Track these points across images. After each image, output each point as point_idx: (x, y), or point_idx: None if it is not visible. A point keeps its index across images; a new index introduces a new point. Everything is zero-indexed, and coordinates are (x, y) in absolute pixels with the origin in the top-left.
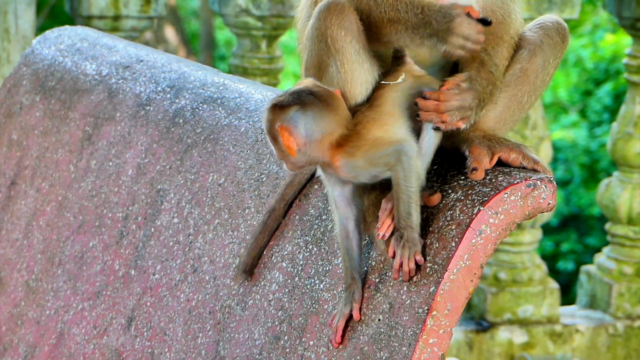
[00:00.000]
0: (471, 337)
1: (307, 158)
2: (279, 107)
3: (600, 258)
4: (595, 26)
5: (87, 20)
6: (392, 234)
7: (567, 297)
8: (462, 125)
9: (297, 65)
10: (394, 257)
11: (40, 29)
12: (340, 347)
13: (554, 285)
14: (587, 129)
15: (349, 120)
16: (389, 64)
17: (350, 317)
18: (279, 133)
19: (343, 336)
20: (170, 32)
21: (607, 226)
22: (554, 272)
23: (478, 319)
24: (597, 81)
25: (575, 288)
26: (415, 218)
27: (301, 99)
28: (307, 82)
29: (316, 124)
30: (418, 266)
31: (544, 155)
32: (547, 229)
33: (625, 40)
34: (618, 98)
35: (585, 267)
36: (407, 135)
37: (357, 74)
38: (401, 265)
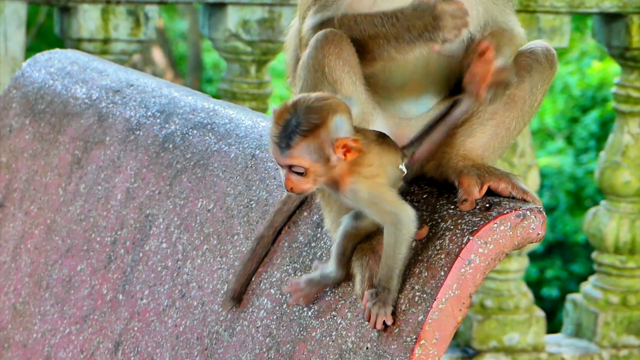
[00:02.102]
0: None
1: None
2: (314, 129)
3: (586, 287)
4: (583, 53)
5: (77, 43)
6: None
7: (552, 323)
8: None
9: (286, 89)
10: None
11: (27, 50)
12: None
13: (539, 313)
14: (573, 156)
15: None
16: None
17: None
18: (338, 146)
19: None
20: (157, 55)
21: (594, 255)
22: (538, 299)
23: (464, 346)
24: (583, 108)
25: (559, 315)
26: (395, 283)
27: (331, 106)
28: (303, 97)
29: (349, 122)
30: (387, 324)
31: (532, 183)
32: (532, 256)
33: (612, 68)
34: (604, 125)
35: (571, 296)
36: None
37: None
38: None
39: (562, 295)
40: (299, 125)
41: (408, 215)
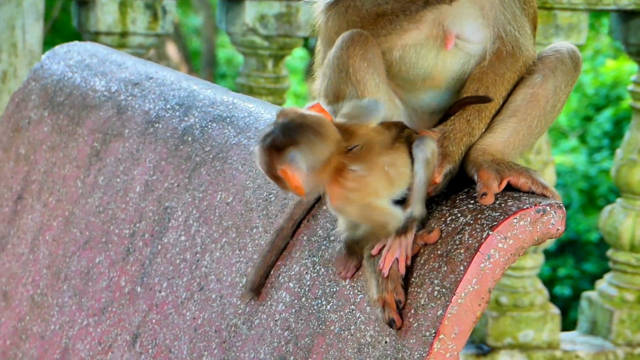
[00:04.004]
0: None
1: (310, 188)
2: (275, 150)
3: (601, 284)
4: (597, 52)
5: (95, 36)
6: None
7: (564, 322)
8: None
9: (299, 85)
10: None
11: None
12: None
13: (555, 310)
14: (586, 155)
15: (340, 142)
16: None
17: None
18: (282, 175)
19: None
20: (172, 50)
21: (609, 253)
22: (550, 297)
23: (478, 342)
24: (597, 107)
25: (571, 313)
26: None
27: (294, 136)
28: (291, 113)
29: (314, 156)
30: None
31: (548, 179)
32: (544, 254)
33: (626, 67)
34: (618, 124)
35: (586, 294)
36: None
37: None
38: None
39: (575, 294)
40: (266, 139)
41: (396, 220)
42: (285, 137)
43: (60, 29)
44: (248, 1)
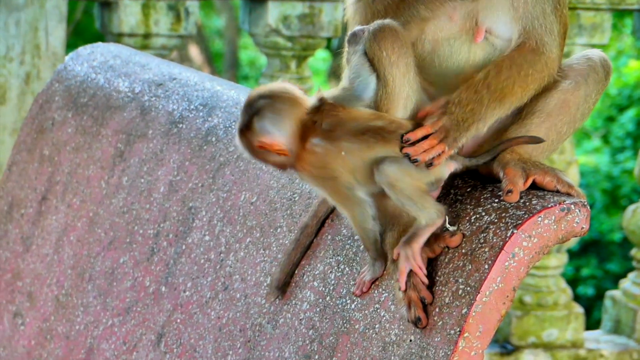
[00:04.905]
0: None
1: (292, 148)
2: (244, 131)
3: (625, 283)
4: (619, 52)
5: (118, 38)
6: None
7: (587, 322)
8: (446, 151)
9: (322, 86)
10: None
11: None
12: None
13: (579, 309)
14: (609, 155)
15: (308, 107)
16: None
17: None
18: (262, 148)
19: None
20: (194, 51)
21: (633, 252)
22: (574, 297)
23: (502, 342)
24: (620, 107)
25: (595, 313)
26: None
27: (254, 108)
28: (250, 93)
29: (279, 117)
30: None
31: (572, 179)
32: (567, 254)
33: None
34: None
35: (610, 292)
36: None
37: (400, 95)
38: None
39: (598, 294)
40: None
41: (365, 210)
42: (247, 114)
43: (83, 31)
44: (271, 2)
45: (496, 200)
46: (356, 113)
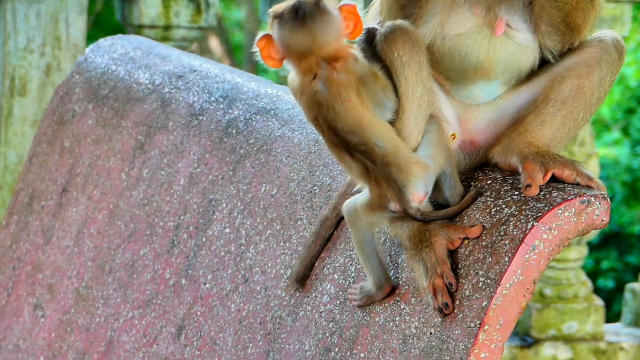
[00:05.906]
0: (515, 353)
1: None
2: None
3: None
4: None
5: (138, 30)
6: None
7: (607, 315)
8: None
9: None
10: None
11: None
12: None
13: (599, 302)
14: (629, 147)
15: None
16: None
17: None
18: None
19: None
20: (214, 43)
21: None
22: (594, 290)
23: (522, 334)
24: None
25: (615, 306)
26: None
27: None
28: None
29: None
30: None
31: (592, 171)
32: (587, 246)
33: None
34: None
35: (630, 285)
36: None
37: (414, 95)
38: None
39: (618, 286)
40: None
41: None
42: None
43: (103, 23)
44: None
45: (516, 192)
46: (368, 67)
